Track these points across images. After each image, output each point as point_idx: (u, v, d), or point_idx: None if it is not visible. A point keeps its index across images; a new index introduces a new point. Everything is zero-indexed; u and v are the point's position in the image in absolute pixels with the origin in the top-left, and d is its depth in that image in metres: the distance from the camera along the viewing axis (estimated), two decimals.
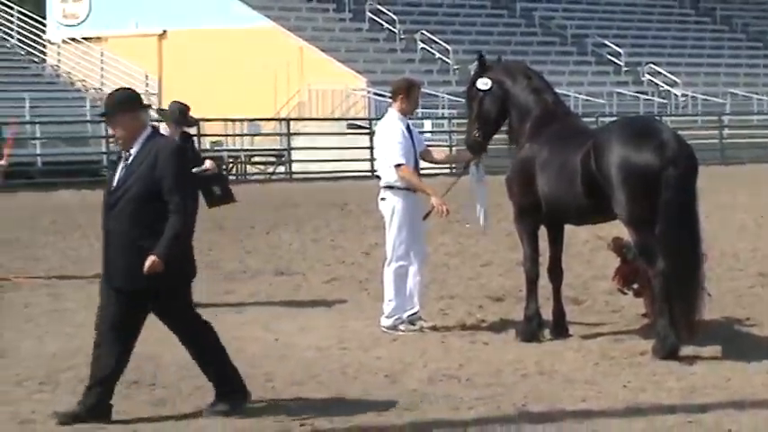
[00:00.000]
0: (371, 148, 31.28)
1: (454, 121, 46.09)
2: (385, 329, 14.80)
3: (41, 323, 15.72)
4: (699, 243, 13.39)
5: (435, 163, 16.99)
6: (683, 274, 13.20)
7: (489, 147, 15.21)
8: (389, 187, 14.93)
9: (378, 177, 15.43)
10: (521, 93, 14.65)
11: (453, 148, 37.51)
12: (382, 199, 15.04)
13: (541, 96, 14.62)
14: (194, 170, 16.60)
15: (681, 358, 13.08)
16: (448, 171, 23.38)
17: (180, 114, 17.21)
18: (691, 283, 13.27)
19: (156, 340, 14.36)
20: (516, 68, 15.17)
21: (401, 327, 14.81)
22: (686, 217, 13.28)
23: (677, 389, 12.00)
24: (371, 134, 34.75)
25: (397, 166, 14.76)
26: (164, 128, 16.94)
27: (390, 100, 15.50)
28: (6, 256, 20.17)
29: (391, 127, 15.00)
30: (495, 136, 15.28)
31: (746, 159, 46.32)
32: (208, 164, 17.01)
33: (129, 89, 11.89)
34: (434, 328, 14.94)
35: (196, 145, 17.50)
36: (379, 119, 16.15)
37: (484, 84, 14.84)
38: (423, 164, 15.75)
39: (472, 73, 15.33)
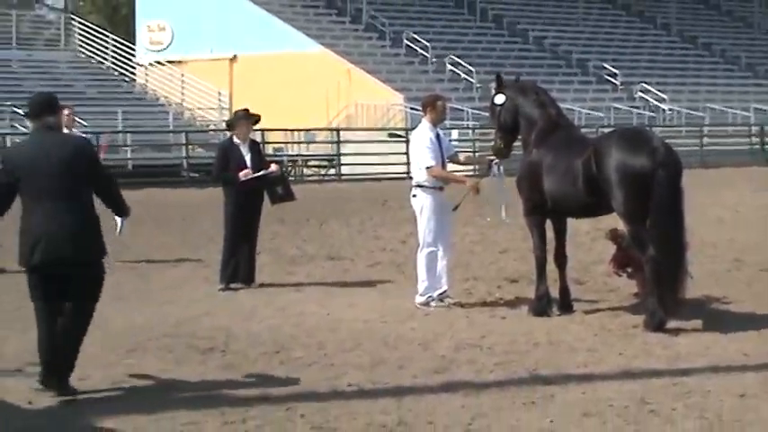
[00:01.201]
0: (407, 153, 31.27)
1: (477, 131, 46.09)
2: (418, 306, 14.79)
3: (130, 300, 15.76)
4: (683, 233, 13.37)
5: (461, 165, 17.00)
6: (669, 260, 13.18)
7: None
8: (419, 186, 14.96)
9: (410, 178, 15.44)
10: (528, 106, 14.67)
11: (476, 153, 37.39)
12: (414, 196, 15.06)
13: (546, 110, 14.63)
14: (260, 173, 16.63)
15: (667, 330, 13.05)
16: (471, 173, 23.30)
17: (243, 117, 17.16)
18: (676, 267, 13.24)
19: (228, 314, 14.44)
20: (526, 86, 15.19)
21: (432, 303, 14.81)
22: (673, 211, 13.27)
23: (664, 356, 11.97)
24: (407, 142, 34.74)
25: (428, 167, 14.79)
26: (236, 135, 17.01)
27: (422, 112, 15.53)
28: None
29: (422, 135, 15.02)
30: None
31: (723, 164, 46.15)
32: (273, 167, 17.02)
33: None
34: (460, 305, 14.92)
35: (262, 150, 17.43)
36: (414, 129, 16.10)
37: (499, 99, 14.91)
38: (452, 166, 15.79)
39: (492, 90, 15.33)
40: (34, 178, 10.23)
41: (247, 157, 16.75)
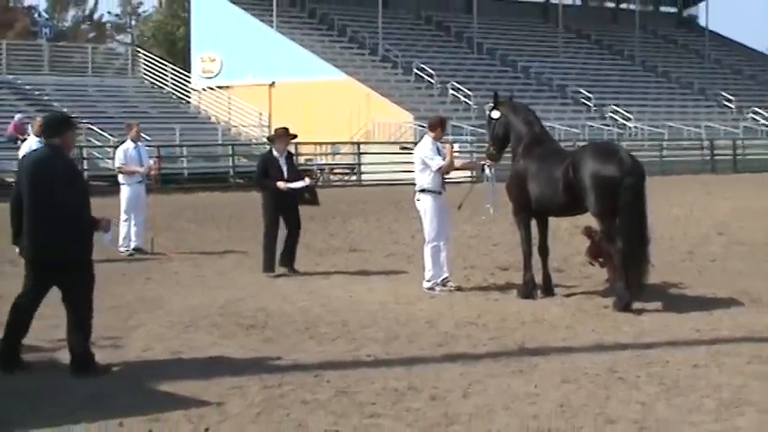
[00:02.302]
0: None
1: (474, 144, 46.00)
2: (425, 290, 14.76)
3: (186, 285, 15.77)
4: (646, 229, 13.36)
5: (458, 169, 17.01)
6: (634, 251, 13.17)
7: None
8: (423, 191, 14.95)
9: (408, 183, 15.45)
10: (518, 123, 14.67)
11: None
12: (417, 200, 15.05)
13: (532, 127, 14.64)
14: (296, 185, 16.65)
15: (633, 310, 13.03)
16: (469, 180, 23.26)
17: (283, 134, 17.29)
18: (640, 257, 13.24)
19: (266, 297, 14.43)
20: (517, 106, 15.23)
21: (437, 288, 14.78)
22: (637, 211, 13.26)
23: (630, 332, 11.95)
24: None
25: (438, 168, 14.79)
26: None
27: (427, 129, 15.51)
28: (162, 237, 20.25)
29: (425, 148, 15.02)
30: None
31: (679, 172, 46.08)
32: (306, 181, 17.06)
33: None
34: (459, 289, 14.89)
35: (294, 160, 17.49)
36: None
37: (495, 115, 14.91)
38: (453, 173, 15.77)
39: (490, 106, 15.34)
40: (23, 190, 10.08)
41: (284, 168, 16.80)
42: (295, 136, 17.58)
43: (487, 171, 15.44)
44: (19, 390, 9.47)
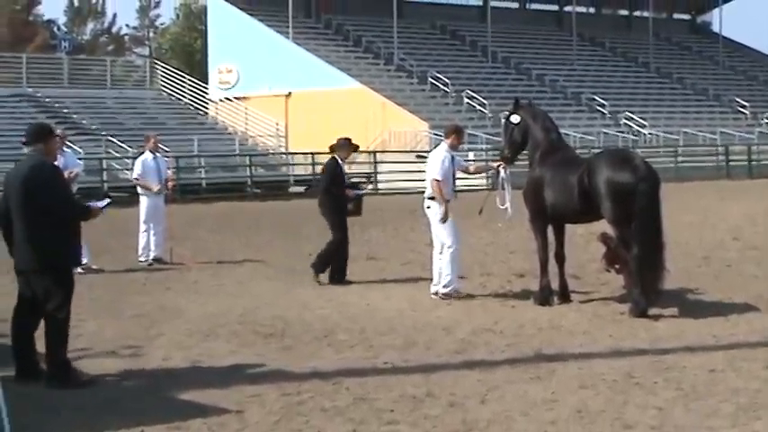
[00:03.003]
0: None
1: (490, 152, 45.95)
2: (442, 296, 14.72)
3: (205, 294, 15.79)
4: (661, 235, 13.32)
5: (471, 173, 17.01)
6: (650, 258, 13.13)
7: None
8: (432, 198, 14.90)
9: (424, 191, 15.38)
10: (536, 129, 14.64)
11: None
12: (427, 207, 14.98)
13: (549, 134, 14.60)
14: (362, 192, 16.70)
15: (649, 316, 12.99)
16: (485, 188, 23.25)
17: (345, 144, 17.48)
18: (656, 263, 13.19)
19: (285, 306, 14.44)
20: (536, 112, 15.10)
21: (454, 295, 14.75)
22: (652, 217, 13.22)
23: (647, 338, 11.92)
24: None
25: (435, 179, 14.74)
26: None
27: (443, 137, 15.49)
28: (182, 247, 20.31)
29: (438, 155, 14.96)
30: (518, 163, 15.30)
31: (694, 178, 45.95)
32: (364, 189, 17.13)
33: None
34: (472, 296, 14.86)
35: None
36: None
37: (515, 119, 14.87)
38: (468, 181, 15.73)
39: (507, 112, 15.30)
40: (7, 199, 10.06)
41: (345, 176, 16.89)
42: (357, 147, 17.68)
43: (502, 173, 15.41)
44: (38, 396, 9.49)
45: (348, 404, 9.21)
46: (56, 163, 13.16)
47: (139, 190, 19.95)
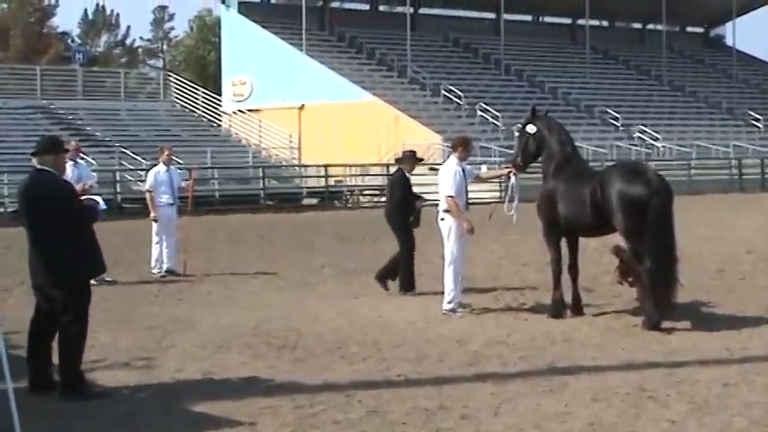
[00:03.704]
0: None
1: (503, 165, 45.92)
2: (445, 312, 14.62)
3: (218, 305, 15.81)
4: (674, 248, 13.29)
5: (484, 180, 16.98)
6: (663, 271, 13.10)
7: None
8: (446, 211, 14.87)
9: (436, 204, 15.35)
10: (552, 141, 14.62)
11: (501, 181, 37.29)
12: (441, 219, 14.93)
13: (564, 147, 14.58)
14: (423, 204, 16.61)
15: (662, 329, 12.96)
16: (497, 200, 23.24)
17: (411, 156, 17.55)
18: (669, 276, 13.17)
19: (297, 318, 14.45)
20: (552, 124, 15.02)
21: (458, 310, 14.68)
22: (665, 230, 13.20)
23: (660, 351, 11.88)
24: None
25: (448, 196, 14.72)
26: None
27: (451, 150, 15.49)
28: (194, 259, 20.31)
29: (449, 169, 14.90)
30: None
31: (707, 191, 45.93)
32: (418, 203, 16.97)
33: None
34: (485, 309, 14.85)
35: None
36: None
37: (531, 128, 14.85)
38: (479, 193, 15.70)
39: (522, 122, 15.25)
40: (19, 214, 10.09)
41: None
42: (422, 159, 17.66)
43: (512, 180, 15.41)
44: (52, 408, 9.51)
45: (361, 417, 9.21)
46: (69, 174, 13.20)
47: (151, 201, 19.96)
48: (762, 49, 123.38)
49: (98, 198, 10.90)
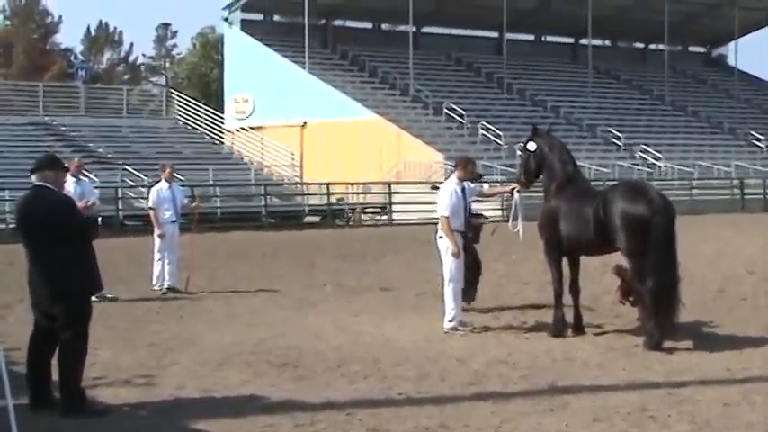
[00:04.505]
0: None
1: (504, 184, 45.96)
2: (447, 330, 14.61)
3: (220, 322, 15.82)
4: (676, 268, 13.29)
5: (487, 197, 16.82)
6: (665, 290, 13.10)
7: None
8: None
9: (436, 222, 15.31)
10: (553, 160, 14.63)
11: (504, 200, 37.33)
12: (440, 237, 14.91)
13: (565, 166, 14.59)
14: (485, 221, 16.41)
15: (663, 349, 12.96)
16: (500, 219, 23.23)
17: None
18: (671, 296, 13.17)
19: (299, 336, 14.44)
20: (554, 143, 15.02)
21: (459, 329, 14.69)
22: (668, 250, 13.20)
23: (661, 371, 11.88)
24: None
25: (442, 216, 14.70)
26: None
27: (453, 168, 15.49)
28: (196, 276, 20.31)
29: (448, 188, 14.88)
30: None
31: (709, 211, 45.92)
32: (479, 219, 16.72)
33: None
34: (474, 329, 14.82)
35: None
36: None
37: (532, 146, 14.86)
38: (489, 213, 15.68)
39: (526, 139, 15.23)
40: (19, 230, 10.08)
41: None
42: (480, 175, 17.18)
43: (516, 196, 15.41)
44: (52, 425, 9.50)
45: None
46: (71, 191, 13.19)
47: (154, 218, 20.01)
48: (764, 69, 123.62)
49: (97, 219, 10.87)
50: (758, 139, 64.03)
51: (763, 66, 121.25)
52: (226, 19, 61.87)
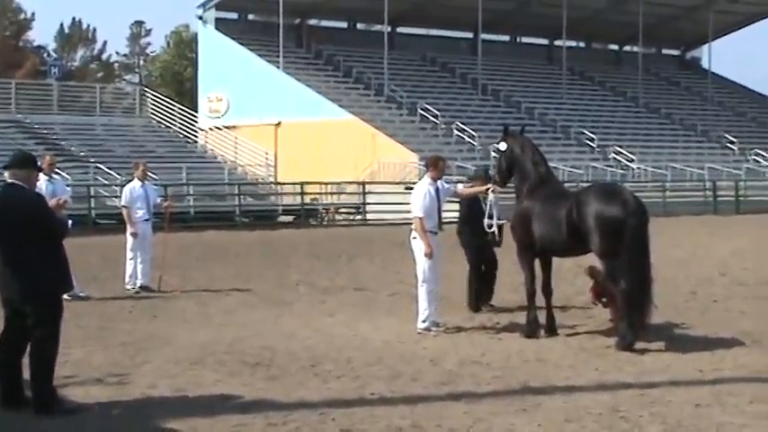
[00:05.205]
0: None
1: (474, 185, 46.01)
2: (420, 331, 14.63)
3: (193, 322, 15.80)
4: (649, 270, 13.34)
5: (462, 197, 16.79)
6: (637, 292, 13.15)
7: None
8: None
9: (410, 223, 15.33)
10: (524, 161, 14.66)
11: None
12: (414, 238, 14.94)
13: (538, 167, 14.62)
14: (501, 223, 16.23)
15: (635, 350, 13.01)
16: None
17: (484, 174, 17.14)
18: (643, 297, 13.21)
19: (272, 335, 14.44)
20: (525, 143, 14.98)
21: (432, 329, 14.70)
22: (641, 252, 13.25)
23: (633, 371, 11.93)
24: None
25: (417, 217, 14.73)
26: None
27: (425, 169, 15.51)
28: (169, 275, 20.28)
29: (422, 189, 14.88)
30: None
31: (682, 213, 46.14)
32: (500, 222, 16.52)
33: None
34: (447, 329, 14.85)
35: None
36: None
37: (503, 146, 14.91)
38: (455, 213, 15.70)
39: (501, 136, 15.26)
40: None
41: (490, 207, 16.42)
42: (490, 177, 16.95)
43: (491, 196, 15.45)
44: (23, 424, 9.48)
45: None
46: (44, 189, 13.13)
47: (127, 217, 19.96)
48: (737, 71, 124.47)
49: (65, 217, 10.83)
50: (731, 142, 64.38)
51: (736, 68, 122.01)
52: (200, 17, 61.75)
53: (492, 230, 15.44)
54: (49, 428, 9.39)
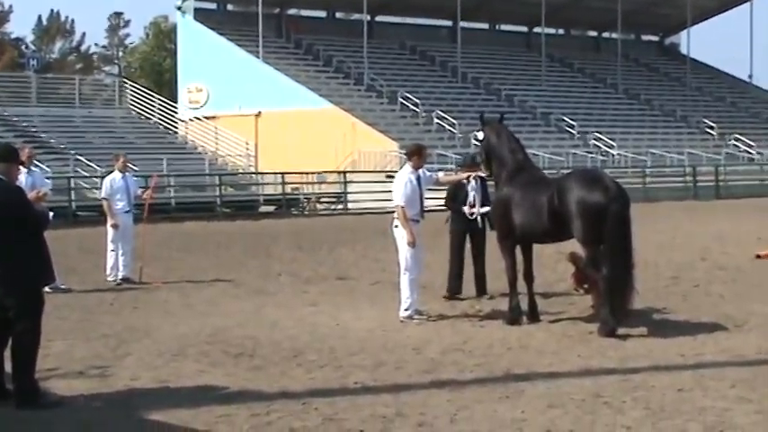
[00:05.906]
0: None
1: (459, 172, 46.01)
2: (403, 319, 14.64)
3: (175, 313, 15.75)
4: (631, 256, 13.37)
5: (443, 184, 16.75)
6: (619, 278, 13.18)
7: None
8: None
9: (392, 211, 15.32)
10: (501, 149, 14.65)
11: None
12: (395, 226, 14.92)
13: (515, 154, 14.61)
14: (484, 210, 16.18)
15: (617, 336, 13.04)
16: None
17: (472, 161, 16.72)
18: (625, 283, 13.25)
19: (255, 325, 14.42)
20: (501, 131, 14.95)
21: (415, 317, 14.70)
22: (622, 237, 13.28)
23: (615, 357, 11.96)
24: None
25: (397, 205, 14.72)
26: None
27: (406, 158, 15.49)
28: (150, 267, 20.21)
29: (401, 178, 14.86)
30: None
31: (662, 198, 46.24)
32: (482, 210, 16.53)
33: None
34: (431, 317, 14.85)
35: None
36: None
37: (480, 136, 14.93)
38: (437, 201, 15.69)
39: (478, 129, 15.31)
40: None
41: (472, 194, 16.40)
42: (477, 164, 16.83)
43: (472, 183, 15.42)
44: (7, 420, 9.44)
45: (317, 424, 9.21)
46: (23, 182, 13.06)
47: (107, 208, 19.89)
48: (716, 57, 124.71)
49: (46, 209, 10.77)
50: (710, 127, 64.60)
51: (715, 54, 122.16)
52: (179, 8, 61.55)
53: (474, 218, 15.45)
54: (31, 421, 9.34)
